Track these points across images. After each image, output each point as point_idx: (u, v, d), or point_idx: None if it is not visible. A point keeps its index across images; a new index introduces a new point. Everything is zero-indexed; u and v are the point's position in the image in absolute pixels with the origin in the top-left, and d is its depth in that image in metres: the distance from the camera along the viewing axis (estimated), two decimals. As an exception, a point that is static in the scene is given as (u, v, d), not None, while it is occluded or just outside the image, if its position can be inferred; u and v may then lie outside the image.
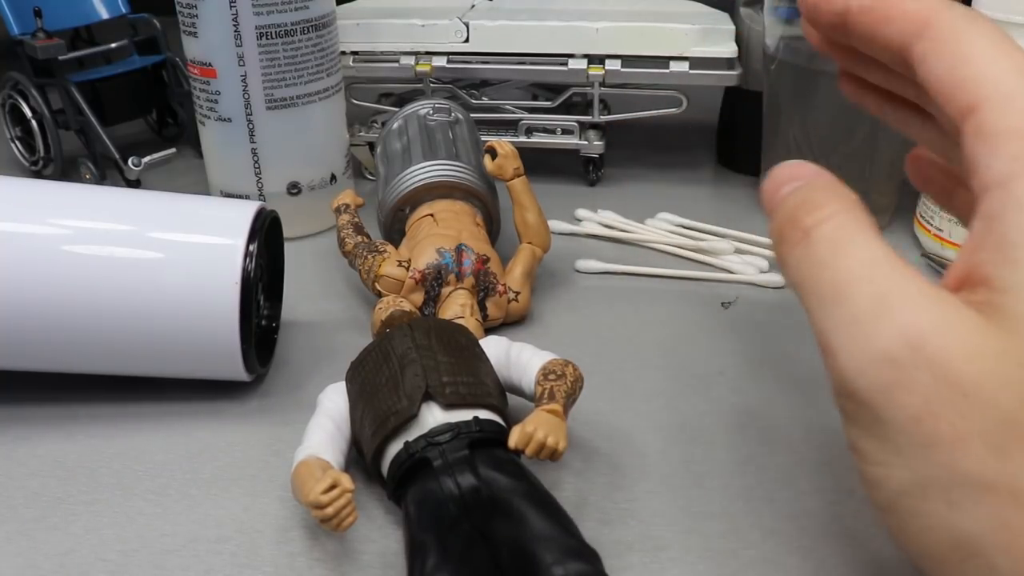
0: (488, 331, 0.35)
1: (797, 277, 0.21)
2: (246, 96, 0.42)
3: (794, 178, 0.22)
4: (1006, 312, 0.17)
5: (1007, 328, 0.17)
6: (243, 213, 0.32)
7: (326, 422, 0.27)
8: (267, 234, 0.33)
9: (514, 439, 0.25)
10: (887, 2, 0.22)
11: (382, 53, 0.50)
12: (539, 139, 0.50)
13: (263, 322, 0.35)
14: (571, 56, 0.48)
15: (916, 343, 0.18)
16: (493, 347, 0.30)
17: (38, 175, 0.54)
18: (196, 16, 0.41)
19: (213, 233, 0.31)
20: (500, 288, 0.36)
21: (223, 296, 0.30)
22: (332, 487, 0.23)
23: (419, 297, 0.35)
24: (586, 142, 0.50)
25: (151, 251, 0.30)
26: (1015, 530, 0.17)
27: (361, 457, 0.28)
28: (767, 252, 0.42)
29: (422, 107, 0.44)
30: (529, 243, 0.38)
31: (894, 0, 0.22)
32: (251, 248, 0.30)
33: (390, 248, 0.37)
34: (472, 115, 0.47)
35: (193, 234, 0.31)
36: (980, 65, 0.20)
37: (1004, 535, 0.17)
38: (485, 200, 0.39)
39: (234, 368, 0.31)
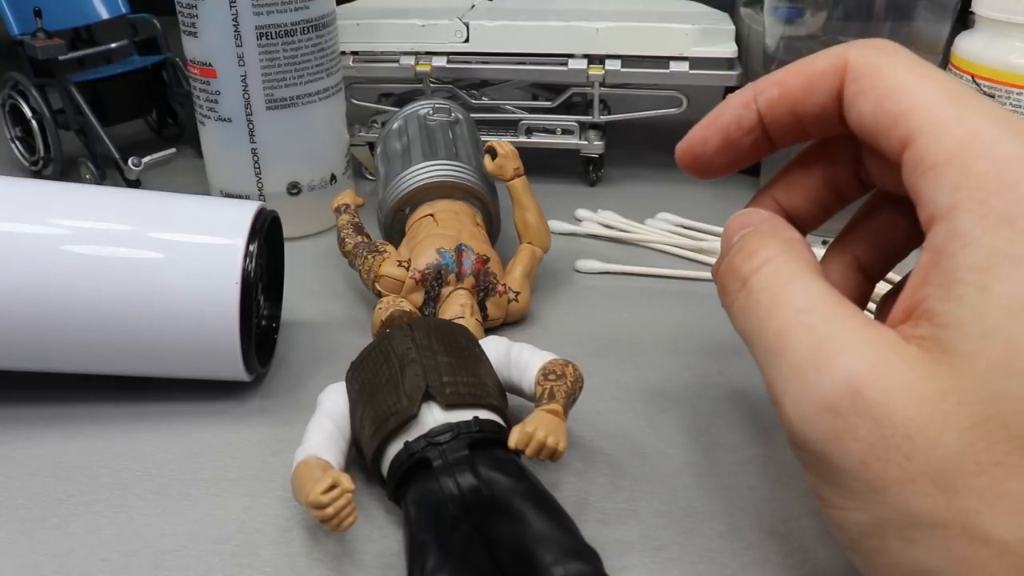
0: (488, 331, 0.35)
1: (740, 327, 0.21)
2: (246, 96, 0.42)
3: (745, 226, 0.23)
4: (948, 348, 0.17)
5: (949, 364, 0.17)
6: (243, 213, 0.32)
7: (326, 422, 0.27)
8: (267, 234, 0.33)
9: (514, 439, 0.25)
10: (797, 73, 0.22)
11: (382, 53, 0.50)
12: (539, 139, 0.50)
13: (263, 322, 0.35)
14: (571, 56, 0.48)
15: (855, 390, 0.18)
16: (493, 347, 0.29)
17: (38, 175, 0.54)
18: (196, 16, 0.41)
19: (213, 233, 0.31)
20: (500, 288, 0.36)
21: (223, 296, 0.30)
22: (332, 487, 0.23)
23: (419, 297, 0.35)
24: (586, 142, 0.50)
25: (151, 251, 0.30)
26: (972, 564, 0.17)
27: (361, 457, 0.28)
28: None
29: (422, 107, 0.44)
30: (529, 243, 0.38)
31: (800, 68, 0.22)
32: (251, 248, 0.30)
33: (390, 248, 0.37)
34: (472, 115, 0.47)
35: (193, 234, 0.31)
36: (906, 95, 0.19)
37: (962, 568, 0.17)
38: (485, 200, 0.39)
39: (234, 368, 0.31)
